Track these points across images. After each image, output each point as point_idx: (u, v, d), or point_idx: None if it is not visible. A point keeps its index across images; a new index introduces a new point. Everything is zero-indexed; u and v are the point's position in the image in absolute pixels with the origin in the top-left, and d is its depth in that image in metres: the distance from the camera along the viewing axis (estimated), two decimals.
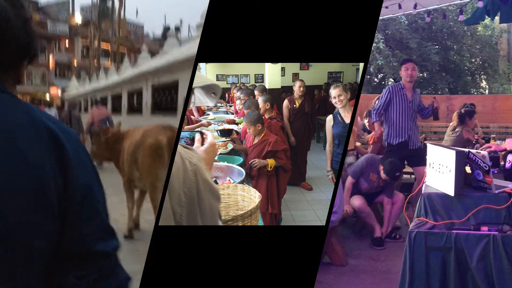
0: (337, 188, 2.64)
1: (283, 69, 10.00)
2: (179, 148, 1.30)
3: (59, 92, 31.54)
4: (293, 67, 11.28)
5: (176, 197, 1.23)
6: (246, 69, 11.54)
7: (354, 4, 2.07)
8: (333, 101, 4.03)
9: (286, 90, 7.97)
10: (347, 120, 3.96)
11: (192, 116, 5.50)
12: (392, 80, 13.84)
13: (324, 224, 2.27)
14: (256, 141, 3.76)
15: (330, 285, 3.23)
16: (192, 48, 7.86)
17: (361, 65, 2.22)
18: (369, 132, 5.00)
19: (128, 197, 4.63)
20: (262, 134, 3.73)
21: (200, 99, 1.66)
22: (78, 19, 37.93)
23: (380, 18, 3.31)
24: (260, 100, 4.54)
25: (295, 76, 11.04)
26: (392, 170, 3.80)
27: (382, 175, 3.87)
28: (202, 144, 1.55)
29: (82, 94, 19.10)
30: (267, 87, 6.28)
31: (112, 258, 0.83)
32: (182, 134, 1.68)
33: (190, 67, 7.50)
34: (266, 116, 4.36)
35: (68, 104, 11.84)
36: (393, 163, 3.82)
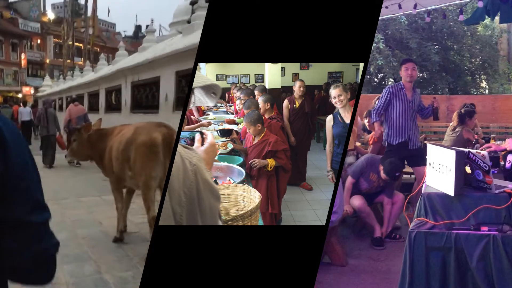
0: (337, 188, 2.64)
1: (283, 69, 10.01)
2: (179, 148, 1.30)
3: (32, 91, 30.89)
4: (293, 67, 11.29)
5: (176, 197, 1.23)
6: (246, 69, 11.54)
7: (354, 4, 2.06)
8: (333, 101, 4.03)
9: (286, 90, 7.97)
10: (347, 120, 3.96)
11: (192, 116, 5.50)
12: (392, 80, 13.85)
13: (324, 224, 2.27)
14: (256, 141, 3.76)
15: (330, 285, 3.23)
16: (173, 45, 7.67)
17: (361, 65, 2.22)
18: (369, 132, 5.00)
19: (116, 198, 4.37)
20: (262, 134, 3.73)
21: (200, 99, 1.66)
22: (50, 16, 37.42)
23: (380, 18, 3.32)
24: (260, 100, 4.54)
25: (295, 76, 11.05)
26: (392, 170, 3.80)
27: (382, 175, 3.87)
28: (202, 144, 1.55)
29: (56, 92, 18.39)
30: (267, 87, 6.28)
31: (43, 227, 0.98)
32: (182, 134, 1.68)
33: (172, 63, 7.36)
34: (266, 116, 4.36)
35: (43, 102, 11.33)
36: (393, 163, 3.82)
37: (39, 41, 35.55)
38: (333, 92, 4.00)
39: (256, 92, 5.33)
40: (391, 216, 4.04)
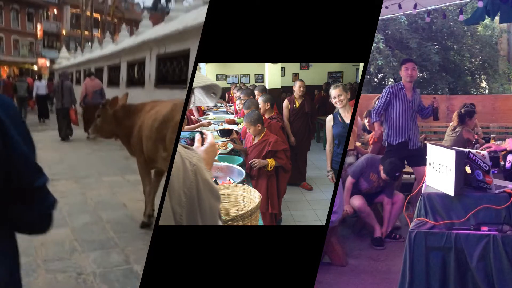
0: (337, 188, 2.64)
1: (283, 69, 10.01)
2: (179, 148, 1.30)
3: (48, 63, 30.02)
4: (293, 67, 11.29)
5: (176, 197, 1.23)
6: (246, 69, 11.55)
7: (354, 4, 2.06)
8: (333, 101, 4.03)
9: (286, 90, 7.97)
10: (347, 120, 3.96)
11: (192, 116, 5.50)
12: (392, 80, 13.86)
13: (324, 224, 2.27)
14: (256, 141, 3.76)
15: (330, 285, 3.23)
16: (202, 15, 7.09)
17: (361, 65, 2.22)
18: (369, 132, 5.00)
19: (144, 180, 4.05)
20: (262, 134, 3.73)
21: (200, 99, 1.66)
22: None
23: (380, 18, 3.32)
24: (260, 100, 4.55)
25: (295, 76, 11.06)
26: (392, 170, 3.80)
27: (382, 175, 3.87)
28: (202, 144, 1.55)
29: (74, 65, 17.41)
30: (267, 87, 6.29)
31: (45, 188, 1.14)
32: (182, 134, 1.68)
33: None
34: (266, 116, 4.36)
35: (60, 74, 11.26)
36: (393, 163, 3.82)
37: (55, 11, 34.32)
38: (333, 92, 4.00)
39: (256, 92, 5.34)
40: (391, 216, 4.04)
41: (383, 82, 15.02)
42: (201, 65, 9.25)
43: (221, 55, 2.08)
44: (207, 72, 11.17)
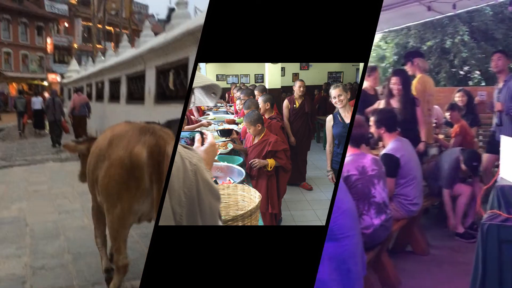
0: (337, 188, 2.63)
1: (283, 69, 10.03)
2: (179, 148, 1.30)
3: (59, 78, 28.58)
4: (293, 67, 11.31)
5: (176, 197, 1.23)
6: (246, 69, 11.57)
7: (354, 4, 2.06)
8: (333, 101, 4.03)
9: (286, 90, 7.98)
10: (347, 120, 3.96)
11: (192, 116, 5.50)
12: (478, 72, 13.59)
13: (324, 224, 2.27)
14: (256, 141, 3.76)
15: (411, 273, 3.30)
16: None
17: (361, 65, 2.22)
18: (451, 125, 5.06)
19: (96, 230, 3.20)
20: (262, 134, 3.73)
21: (200, 99, 1.66)
22: None
23: (464, 10, 3.12)
24: (260, 100, 4.55)
25: (295, 76, 11.09)
26: (469, 160, 3.92)
27: (462, 166, 3.98)
28: (202, 144, 1.55)
29: (85, 78, 15.40)
30: (267, 87, 6.28)
31: None
32: (182, 134, 1.68)
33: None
34: (266, 116, 4.36)
35: (51, 92, 12.72)
36: (471, 153, 3.95)
37: (66, 24, 32.74)
38: (333, 92, 4.00)
39: (256, 92, 5.34)
40: (471, 208, 4.09)
41: (468, 75, 14.74)
42: (201, 65, 9.24)
43: (221, 55, 2.08)
44: (207, 72, 11.19)
